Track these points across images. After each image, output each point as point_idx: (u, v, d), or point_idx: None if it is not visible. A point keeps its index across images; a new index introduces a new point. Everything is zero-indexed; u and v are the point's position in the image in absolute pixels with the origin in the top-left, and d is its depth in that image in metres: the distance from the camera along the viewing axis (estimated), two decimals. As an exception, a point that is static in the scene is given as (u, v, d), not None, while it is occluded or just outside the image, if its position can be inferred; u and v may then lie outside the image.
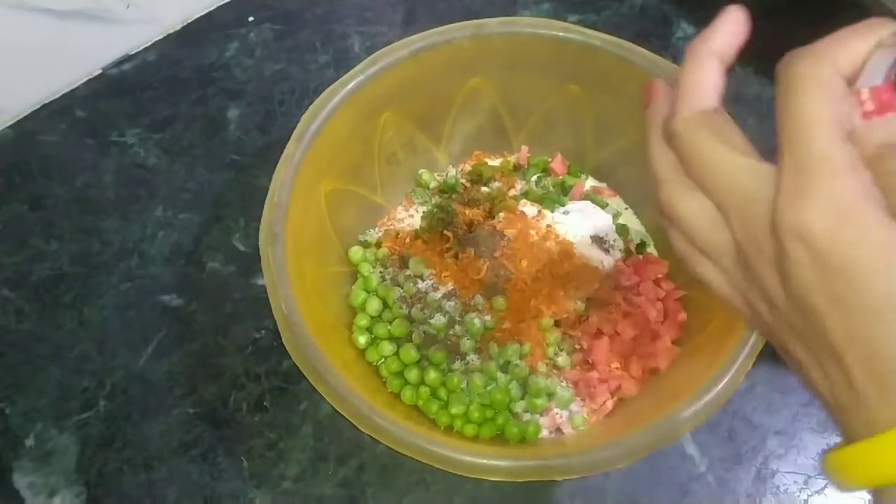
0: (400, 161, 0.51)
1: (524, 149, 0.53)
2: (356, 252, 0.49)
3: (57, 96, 0.58)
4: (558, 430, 0.45)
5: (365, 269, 0.48)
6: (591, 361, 0.46)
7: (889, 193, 0.23)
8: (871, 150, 0.24)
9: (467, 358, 0.46)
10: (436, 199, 0.51)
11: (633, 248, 0.50)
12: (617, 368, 0.46)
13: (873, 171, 0.23)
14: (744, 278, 0.26)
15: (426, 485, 0.45)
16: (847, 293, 0.22)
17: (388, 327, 0.46)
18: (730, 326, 0.40)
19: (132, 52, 0.60)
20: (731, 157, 0.26)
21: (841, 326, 0.23)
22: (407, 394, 0.44)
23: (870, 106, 0.25)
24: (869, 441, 0.22)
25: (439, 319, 0.46)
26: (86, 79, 0.59)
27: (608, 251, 0.49)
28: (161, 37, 0.61)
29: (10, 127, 0.57)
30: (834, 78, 0.24)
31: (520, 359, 0.45)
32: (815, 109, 0.23)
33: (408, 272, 0.48)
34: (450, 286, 0.47)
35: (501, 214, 0.49)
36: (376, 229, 0.51)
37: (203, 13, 0.62)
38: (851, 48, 0.24)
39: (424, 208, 0.51)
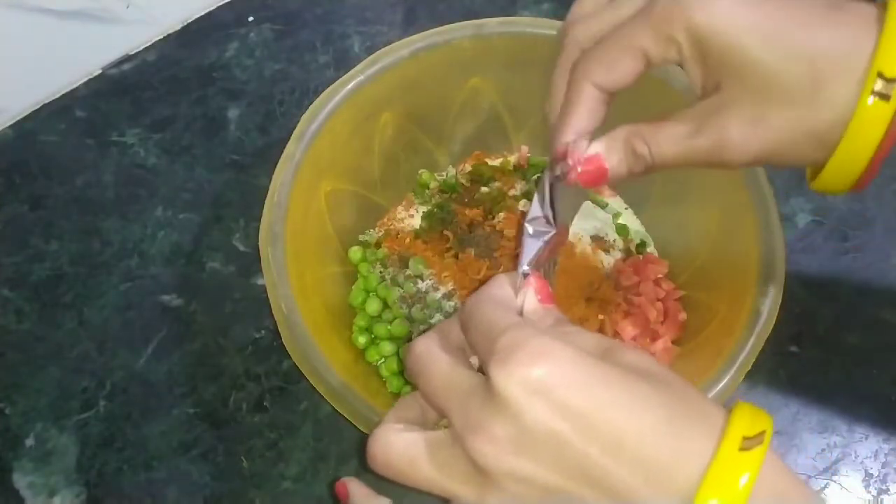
0: (400, 161, 0.51)
1: (524, 149, 0.53)
2: (356, 252, 0.49)
3: (57, 96, 0.58)
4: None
5: (365, 269, 0.48)
6: (591, 361, 0.46)
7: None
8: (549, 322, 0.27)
9: (467, 358, 0.46)
10: (436, 199, 0.51)
11: (633, 248, 0.50)
12: (617, 368, 0.46)
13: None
14: None
15: (426, 485, 0.45)
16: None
17: (388, 327, 0.46)
18: (730, 326, 0.40)
19: (132, 52, 0.60)
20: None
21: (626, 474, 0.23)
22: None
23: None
24: None
25: (439, 319, 0.46)
26: (86, 79, 0.59)
27: (608, 251, 0.49)
28: (161, 37, 0.61)
29: (10, 127, 0.57)
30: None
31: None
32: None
33: (408, 272, 0.48)
34: (450, 286, 0.47)
35: (501, 214, 0.49)
36: (376, 229, 0.51)
37: (203, 13, 0.62)
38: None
39: (424, 208, 0.51)
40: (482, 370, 0.25)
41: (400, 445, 0.26)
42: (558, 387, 0.23)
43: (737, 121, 0.28)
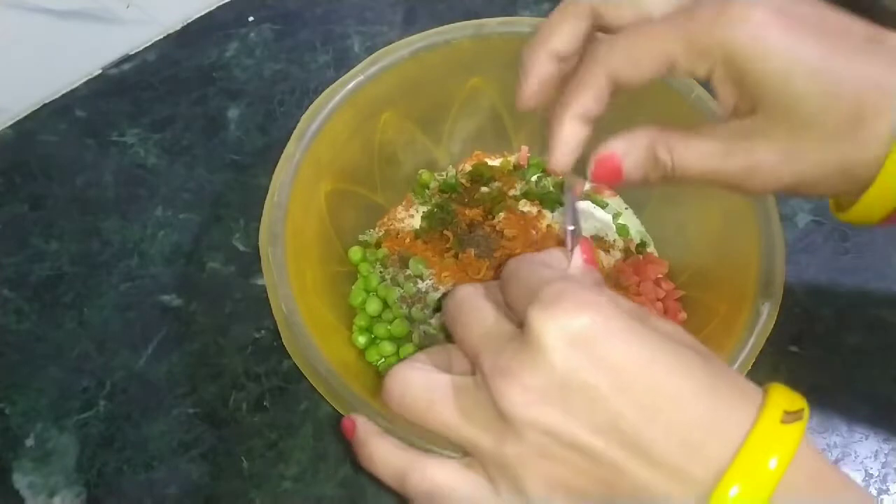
0: (400, 161, 0.51)
1: (524, 149, 0.53)
2: (356, 252, 0.49)
3: (57, 96, 0.58)
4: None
5: (365, 269, 0.48)
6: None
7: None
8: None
9: (467, 358, 0.46)
10: (436, 199, 0.51)
11: (633, 248, 0.50)
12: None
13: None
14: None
15: (426, 485, 0.45)
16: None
17: (388, 327, 0.46)
18: (730, 326, 0.40)
19: (132, 52, 0.60)
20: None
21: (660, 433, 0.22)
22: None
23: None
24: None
25: (439, 319, 0.46)
26: (86, 79, 0.59)
27: (608, 251, 0.49)
28: (161, 37, 0.61)
29: (11, 127, 0.57)
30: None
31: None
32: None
33: (408, 272, 0.48)
34: (450, 286, 0.47)
35: (501, 214, 0.49)
36: (376, 229, 0.51)
37: (203, 13, 0.62)
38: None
39: (424, 208, 0.51)
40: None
41: (420, 383, 0.25)
42: (599, 340, 0.22)
43: (771, 150, 0.27)
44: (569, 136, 0.30)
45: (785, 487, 0.21)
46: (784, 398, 0.23)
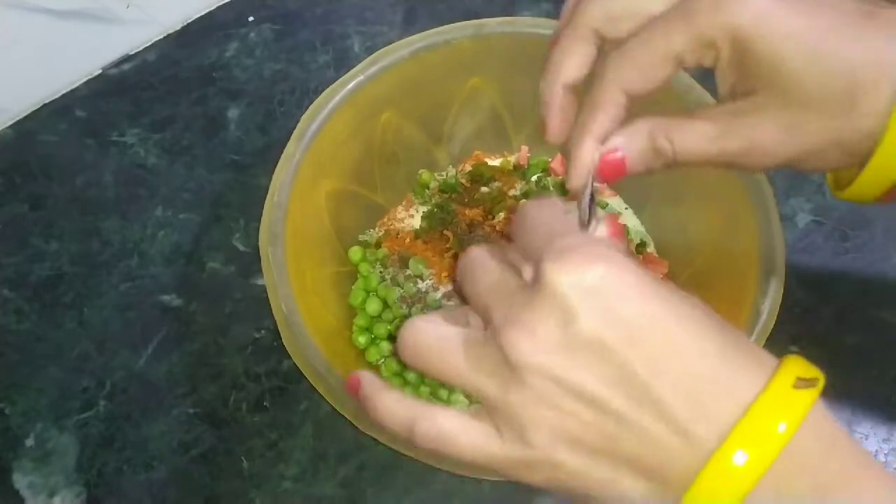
0: (400, 161, 0.51)
1: (524, 149, 0.53)
2: (356, 252, 0.49)
3: (57, 96, 0.58)
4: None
5: (365, 269, 0.48)
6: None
7: None
8: None
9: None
10: (436, 199, 0.51)
11: (633, 248, 0.50)
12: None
13: None
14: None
15: (426, 485, 0.45)
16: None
17: (388, 327, 0.46)
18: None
19: (132, 52, 0.60)
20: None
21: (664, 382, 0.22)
22: (408, 394, 0.44)
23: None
24: (713, 465, 0.22)
25: (439, 319, 0.46)
26: (86, 79, 0.59)
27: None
28: (161, 37, 0.61)
29: (11, 127, 0.57)
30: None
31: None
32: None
33: (408, 272, 0.48)
34: (450, 286, 0.47)
35: (501, 214, 0.49)
36: (376, 229, 0.51)
37: (203, 13, 0.62)
38: None
39: (424, 208, 0.51)
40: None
41: (433, 334, 0.25)
42: (612, 292, 0.22)
43: (770, 126, 0.27)
44: (587, 157, 0.30)
45: (794, 450, 0.21)
46: (799, 366, 0.23)
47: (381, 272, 0.48)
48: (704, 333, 0.22)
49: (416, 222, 0.51)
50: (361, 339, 0.46)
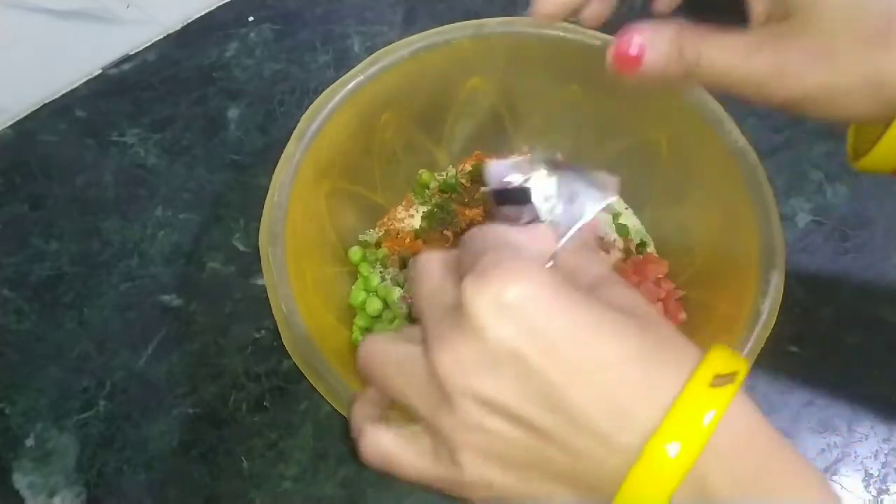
0: (400, 161, 0.51)
1: (524, 149, 0.53)
2: (356, 252, 0.49)
3: (57, 96, 0.58)
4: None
5: (365, 269, 0.48)
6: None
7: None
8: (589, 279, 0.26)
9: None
10: (436, 199, 0.51)
11: (633, 248, 0.50)
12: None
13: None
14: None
15: (426, 485, 0.45)
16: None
17: (388, 327, 0.46)
18: (730, 326, 0.40)
19: (132, 52, 0.60)
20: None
21: (582, 395, 0.22)
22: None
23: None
24: (636, 470, 0.22)
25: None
26: (86, 79, 0.59)
27: (608, 251, 0.49)
28: (161, 37, 0.61)
29: (11, 127, 0.57)
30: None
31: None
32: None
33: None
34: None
35: (501, 214, 0.49)
36: (376, 229, 0.51)
37: (203, 13, 0.62)
38: None
39: (424, 208, 0.51)
40: None
41: (379, 351, 0.26)
42: (527, 308, 0.22)
43: (801, 50, 0.27)
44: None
45: (712, 447, 0.21)
46: (719, 361, 0.23)
47: (381, 272, 0.48)
48: (622, 339, 0.23)
49: (416, 222, 0.51)
50: (361, 339, 0.46)
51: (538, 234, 0.28)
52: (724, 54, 0.28)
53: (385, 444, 0.25)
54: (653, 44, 0.29)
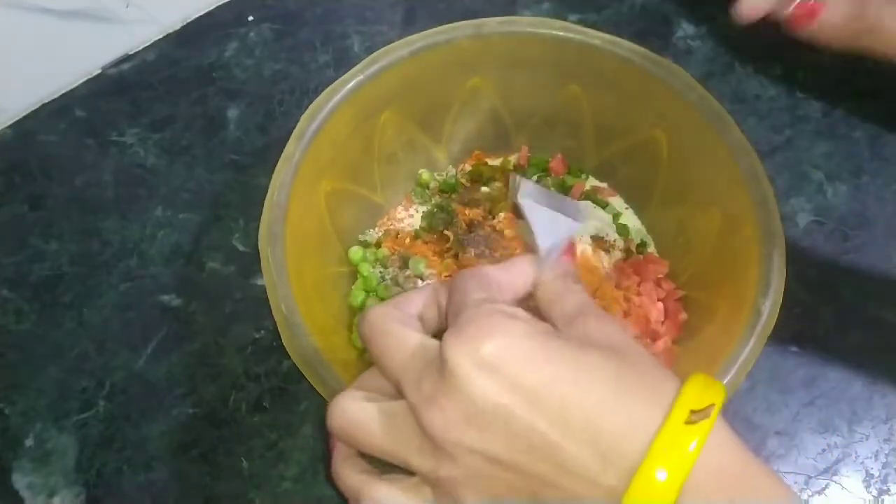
0: (400, 161, 0.51)
1: (524, 149, 0.53)
2: (356, 252, 0.49)
3: (56, 96, 0.58)
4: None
5: (365, 269, 0.48)
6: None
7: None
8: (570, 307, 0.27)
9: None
10: (436, 199, 0.51)
11: (633, 248, 0.50)
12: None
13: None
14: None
15: (426, 485, 0.45)
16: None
17: (388, 327, 0.46)
18: (730, 326, 0.40)
19: (132, 52, 0.60)
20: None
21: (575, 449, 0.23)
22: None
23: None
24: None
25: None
26: (85, 78, 0.59)
27: (608, 251, 0.49)
28: (160, 36, 0.61)
29: (10, 127, 0.57)
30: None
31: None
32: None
33: (408, 272, 0.48)
34: (450, 286, 0.47)
35: (501, 214, 0.49)
36: (376, 229, 0.51)
37: (203, 13, 0.62)
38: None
39: (424, 208, 0.51)
40: None
41: (354, 413, 0.27)
42: (505, 362, 0.23)
43: None
44: None
45: (691, 480, 0.22)
46: (694, 395, 0.23)
47: (381, 272, 0.48)
48: (600, 381, 0.23)
49: (416, 222, 0.51)
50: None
51: (517, 271, 0.29)
52: None
53: (394, 499, 0.26)
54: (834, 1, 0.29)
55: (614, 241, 0.50)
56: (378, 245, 0.50)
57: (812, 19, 0.29)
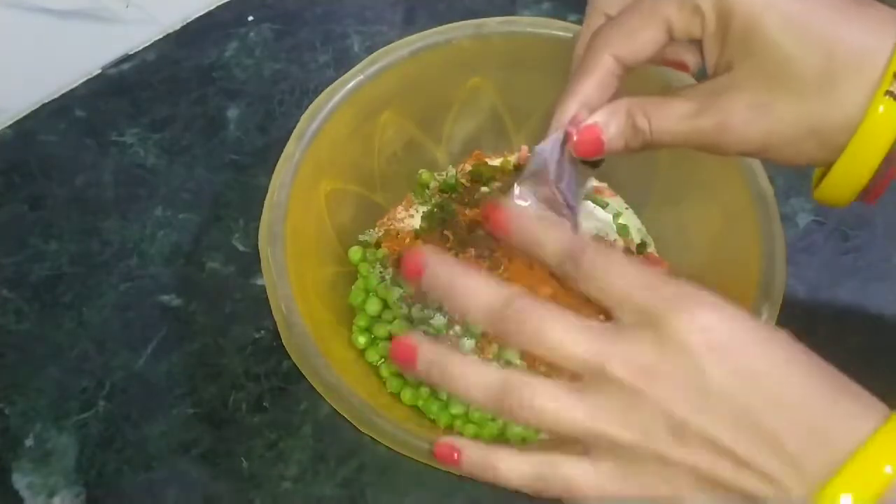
0: (400, 161, 0.51)
1: (524, 149, 0.53)
2: (356, 252, 0.49)
3: (56, 96, 0.58)
4: (559, 430, 0.45)
5: (365, 269, 0.48)
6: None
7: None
8: None
9: (467, 358, 0.46)
10: (436, 199, 0.51)
11: (633, 248, 0.50)
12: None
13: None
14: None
15: (426, 485, 0.45)
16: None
17: (388, 327, 0.46)
18: (730, 326, 0.40)
19: (132, 52, 0.60)
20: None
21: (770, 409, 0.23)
22: (407, 394, 0.44)
23: None
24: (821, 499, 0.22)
25: (439, 319, 0.46)
26: (85, 78, 0.59)
27: (608, 251, 0.49)
28: (160, 36, 0.61)
29: (10, 127, 0.57)
30: None
31: (520, 359, 0.45)
32: None
33: (408, 272, 0.48)
34: (450, 286, 0.47)
35: (501, 214, 0.49)
36: (376, 229, 0.51)
37: (203, 13, 0.62)
38: None
39: (424, 208, 0.51)
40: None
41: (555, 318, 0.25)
42: (736, 343, 0.23)
43: (741, 104, 0.27)
44: (565, 118, 0.31)
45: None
46: None
47: (381, 272, 0.48)
48: (815, 378, 0.24)
49: (416, 222, 0.51)
50: (361, 340, 0.46)
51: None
52: (671, 122, 0.29)
53: (572, 474, 0.25)
54: (609, 125, 0.30)
55: (614, 241, 0.50)
56: (378, 245, 0.50)
57: (599, 150, 0.30)
